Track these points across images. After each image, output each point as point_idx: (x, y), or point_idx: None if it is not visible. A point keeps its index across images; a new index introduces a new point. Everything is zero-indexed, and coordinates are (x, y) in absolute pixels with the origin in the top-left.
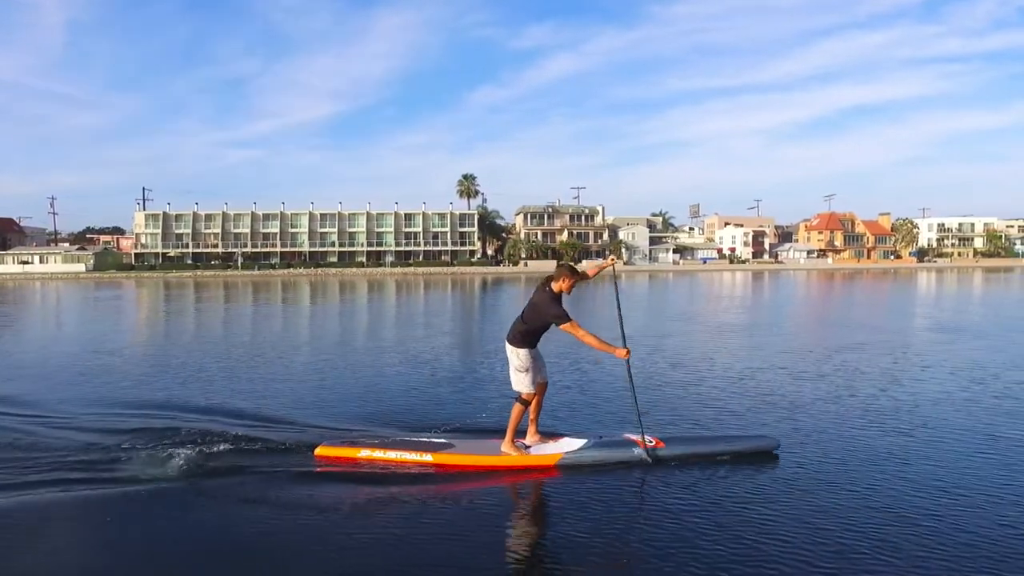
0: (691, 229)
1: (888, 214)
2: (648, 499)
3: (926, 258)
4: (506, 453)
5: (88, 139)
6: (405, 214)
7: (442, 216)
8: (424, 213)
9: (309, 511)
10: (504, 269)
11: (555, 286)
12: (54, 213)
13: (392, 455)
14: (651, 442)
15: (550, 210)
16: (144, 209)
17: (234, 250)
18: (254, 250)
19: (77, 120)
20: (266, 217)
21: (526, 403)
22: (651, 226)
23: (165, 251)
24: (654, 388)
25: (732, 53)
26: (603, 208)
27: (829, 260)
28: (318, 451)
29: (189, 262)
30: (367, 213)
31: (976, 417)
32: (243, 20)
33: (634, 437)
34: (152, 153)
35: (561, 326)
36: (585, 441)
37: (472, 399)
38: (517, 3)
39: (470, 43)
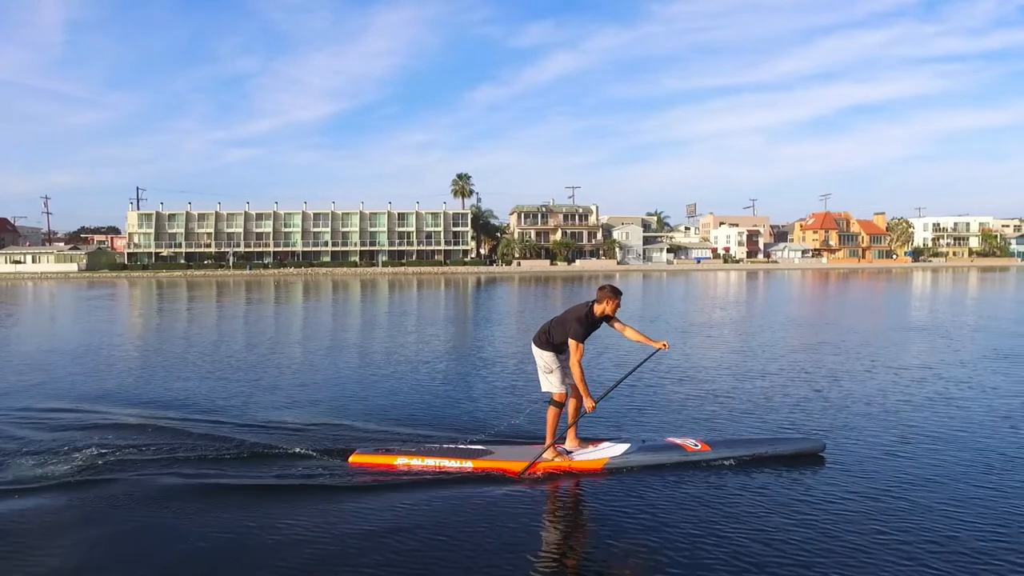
0: (687, 229)
1: (883, 213)
2: (695, 503)
3: (921, 258)
4: (548, 459)
5: (87, 138)
6: (398, 213)
7: (435, 215)
8: (417, 212)
9: (347, 521)
10: (496, 269)
11: (597, 308)
12: (47, 212)
13: (430, 463)
14: (697, 446)
15: (544, 209)
16: (138, 209)
17: (227, 250)
18: (247, 250)
19: (76, 119)
20: (259, 217)
21: (559, 405)
22: (646, 226)
23: (158, 251)
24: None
25: (732, 52)
26: (597, 207)
27: (823, 260)
28: (352, 459)
29: (182, 262)
30: (360, 212)
31: (897, 417)
32: (242, 18)
33: (678, 441)
34: (151, 152)
35: (570, 341)
36: (628, 446)
37: (498, 403)
38: (517, 1)
39: (470, 41)
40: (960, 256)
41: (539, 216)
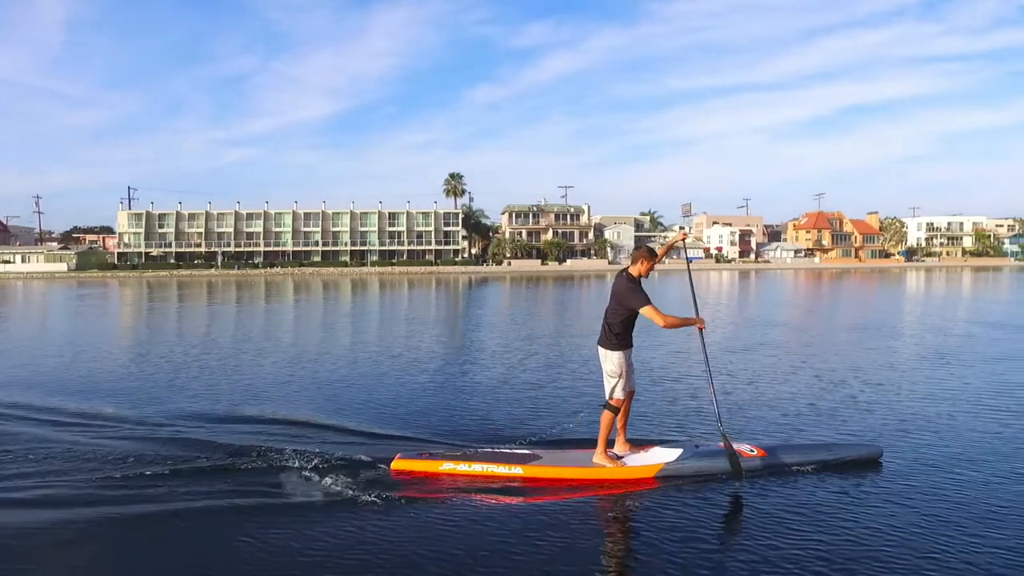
0: (681, 228)
1: (876, 213)
2: (756, 513)
3: (914, 257)
4: (600, 465)
5: (85, 138)
6: (389, 213)
7: (426, 215)
8: (408, 212)
9: (389, 529)
10: (486, 268)
11: (633, 270)
12: (39, 212)
13: (477, 468)
14: (753, 452)
15: (535, 209)
16: (129, 208)
17: (217, 249)
18: (237, 249)
19: (74, 118)
20: (249, 216)
21: (615, 411)
22: (639, 225)
23: (148, 250)
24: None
25: (732, 51)
26: (588, 207)
27: (816, 259)
28: (395, 464)
29: (172, 261)
30: (351, 212)
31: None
32: (241, 17)
33: (733, 446)
34: (150, 152)
35: (642, 310)
36: (681, 451)
37: (541, 405)
38: (516, 1)
39: (469, 41)
40: (953, 256)
41: (530, 216)
